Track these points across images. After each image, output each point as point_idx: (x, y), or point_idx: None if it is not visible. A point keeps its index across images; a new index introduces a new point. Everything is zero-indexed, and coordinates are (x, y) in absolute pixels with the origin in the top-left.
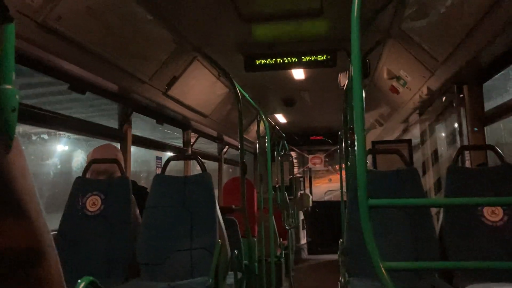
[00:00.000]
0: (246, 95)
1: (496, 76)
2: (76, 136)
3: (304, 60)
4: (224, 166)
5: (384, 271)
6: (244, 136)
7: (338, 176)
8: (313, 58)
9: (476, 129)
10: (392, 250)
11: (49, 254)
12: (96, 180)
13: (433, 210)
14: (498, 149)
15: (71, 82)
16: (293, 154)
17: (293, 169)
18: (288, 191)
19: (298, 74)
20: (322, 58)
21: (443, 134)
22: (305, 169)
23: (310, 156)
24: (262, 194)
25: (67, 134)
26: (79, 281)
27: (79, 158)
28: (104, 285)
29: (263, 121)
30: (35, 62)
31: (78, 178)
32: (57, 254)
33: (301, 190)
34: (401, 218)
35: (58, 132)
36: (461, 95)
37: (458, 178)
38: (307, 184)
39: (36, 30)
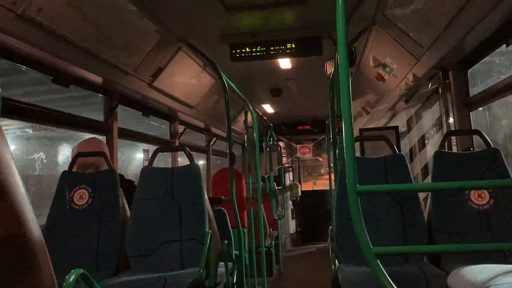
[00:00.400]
0: (233, 85)
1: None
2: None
3: (290, 48)
4: (212, 157)
5: (373, 257)
6: (232, 127)
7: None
8: (298, 46)
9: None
10: (380, 235)
11: (38, 248)
12: (83, 174)
13: (421, 196)
14: (483, 133)
15: (54, 75)
16: (281, 144)
17: (282, 159)
18: (277, 181)
19: (285, 63)
20: (307, 47)
21: (430, 120)
22: (293, 159)
23: (298, 146)
24: (251, 185)
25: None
26: (71, 272)
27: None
28: (94, 278)
29: (251, 112)
30: (16, 55)
31: (64, 172)
32: (46, 247)
33: (290, 179)
34: (389, 204)
35: None
36: (447, 81)
37: (444, 163)
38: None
39: (16, 22)
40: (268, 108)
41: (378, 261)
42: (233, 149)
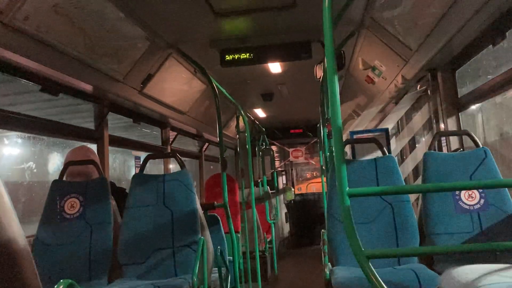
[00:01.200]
0: (224, 90)
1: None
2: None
3: (280, 53)
4: (205, 163)
5: (365, 259)
6: (224, 132)
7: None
8: (288, 50)
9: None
10: (372, 237)
11: (24, 259)
12: (74, 183)
13: (413, 197)
14: (472, 134)
15: (42, 83)
16: (274, 148)
17: (275, 163)
18: (270, 185)
19: (275, 67)
20: (297, 51)
21: (420, 121)
22: (286, 163)
23: (291, 150)
24: (244, 189)
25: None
26: (59, 282)
27: None
28: (87, 287)
29: (242, 116)
30: (4, 64)
31: (55, 181)
32: (32, 258)
33: (283, 183)
34: (380, 206)
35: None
36: (435, 82)
37: (434, 164)
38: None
39: (3, 31)
40: (260, 113)
41: (369, 263)
42: (226, 153)
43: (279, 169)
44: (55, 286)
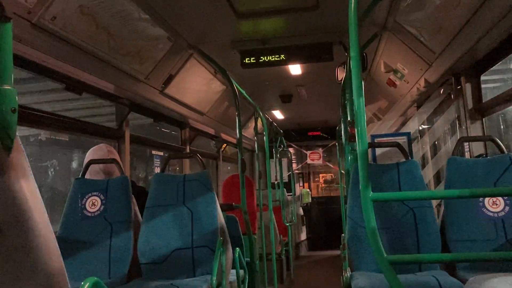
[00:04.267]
0: (243, 92)
1: None
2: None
3: (301, 55)
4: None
5: (387, 264)
6: (242, 133)
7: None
8: (309, 52)
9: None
10: (393, 243)
11: (53, 255)
12: (95, 181)
13: (434, 202)
14: (497, 140)
15: (67, 82)
16: (291, 150)
17: (292, 165)
18: (287, 188)
19: (295, 69)
20: (318, 52)
21: (442, 126)
22: (303, 165)
23: (308, 152)
24: (261, 191)
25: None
26: (85, 280)
27: None
28: (106, 286)
29: (261, 118)
30: (31, 64)
31: (77, 179)
32: (60, 255)
33: (300, 186)
34: (402, 211)
35: None
36: (459, 87)
37: (457, 169)
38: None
39: (31, 30)
40: (278, 114)
41: (392, 269)
42: (243, 155)
43: (296, 171)
44: (82, 283)
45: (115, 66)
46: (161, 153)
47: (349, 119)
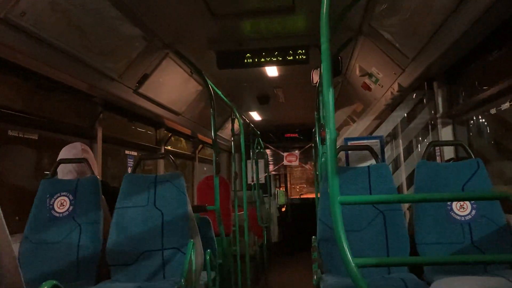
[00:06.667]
0: (220, 92)
1: None
2: None
3: (277, 57)
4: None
5: (354, 268)
6: (219, 134)
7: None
8: (285, 55)
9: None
10: (363, 245)
11: (4, 256)
12: (64, 181)
13: (405, 205)
14: (465, 145)
15: (38, 80)
16: (268, 151)
17: (269, 166)
18: (264, 189)
19: (272, 71)
20: (294, 55)
21: (415, 130)
22: (280, 167)
23: (285, 154)
24: (236, 192)
25: None
26: (42, 284)
27: None
28: (74, 287)
29: (238, 119)
30: None
31: (44, 179)
32: (15, 257)
33: (276, 187)
34: (372, 214)
35: None
36: (431, 92)
37: (427, 173)
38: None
39: None
40: (256, 116)
41: (359, 272)
42: (219, 156)
43: (273, 172)
44: (39, 287)
45: (88, 65)
46: (135, 153)
47: (322, 121)
